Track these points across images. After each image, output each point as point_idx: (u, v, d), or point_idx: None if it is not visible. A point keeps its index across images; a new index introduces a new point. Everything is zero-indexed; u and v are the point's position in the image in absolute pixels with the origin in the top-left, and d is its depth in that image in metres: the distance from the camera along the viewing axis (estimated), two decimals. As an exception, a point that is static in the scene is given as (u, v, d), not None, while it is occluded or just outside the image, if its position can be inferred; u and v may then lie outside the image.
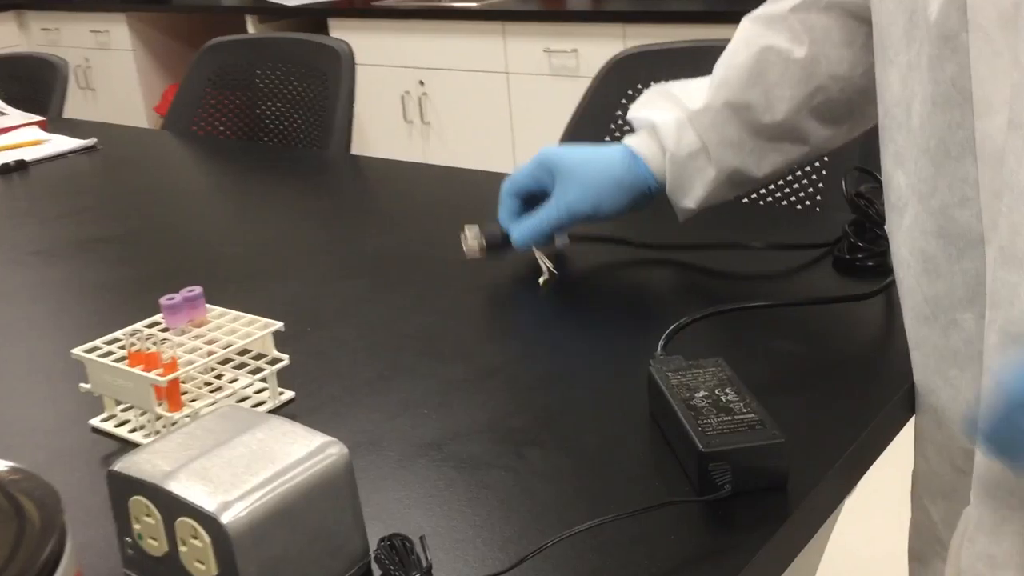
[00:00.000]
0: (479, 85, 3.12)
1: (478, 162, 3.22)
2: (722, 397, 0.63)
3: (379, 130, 3.44)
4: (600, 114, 1.37)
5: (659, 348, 0.74)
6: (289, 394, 0.75)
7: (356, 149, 3.76)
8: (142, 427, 0.71)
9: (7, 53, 2.18)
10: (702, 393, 0.64)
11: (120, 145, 1.63)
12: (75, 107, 4.30)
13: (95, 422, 0.73)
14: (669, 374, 0.67)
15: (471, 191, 1.27)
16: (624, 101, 1.35)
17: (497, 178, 1.36)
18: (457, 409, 0.72)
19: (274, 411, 0.74)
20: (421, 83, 3.26)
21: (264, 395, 0.75)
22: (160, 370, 0.67)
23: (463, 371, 0.78)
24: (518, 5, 3.10)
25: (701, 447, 0.58)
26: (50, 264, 1.11)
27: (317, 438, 0.54)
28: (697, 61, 1.30)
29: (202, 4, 3.92)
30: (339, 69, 1.56)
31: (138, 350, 0.69)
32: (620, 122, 1.35)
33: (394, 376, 0.78)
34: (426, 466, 0.65)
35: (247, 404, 0.74)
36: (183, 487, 0.50)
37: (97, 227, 1.22)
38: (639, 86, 1.35)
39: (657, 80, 1.34)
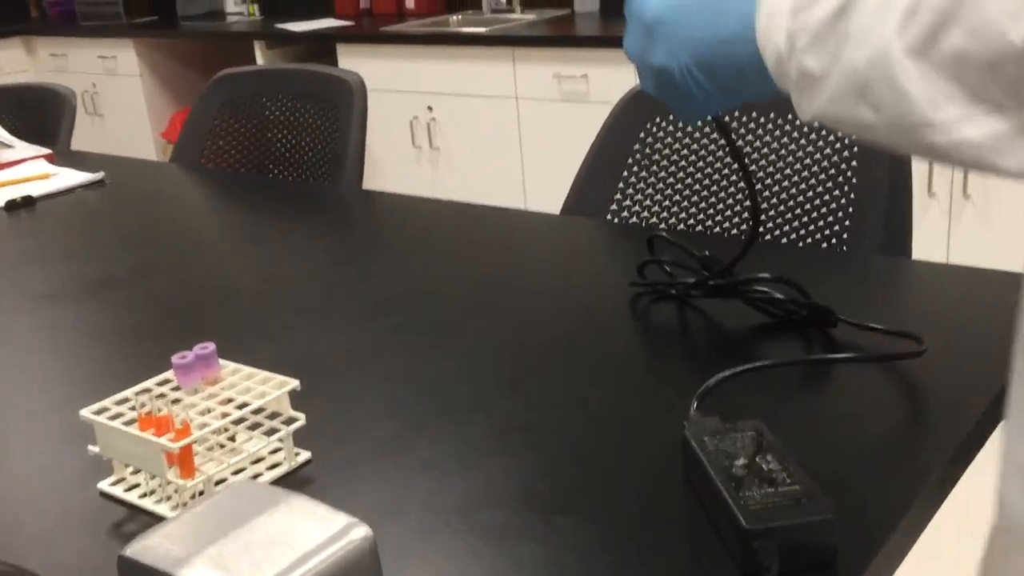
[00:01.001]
0: (488, 110, 3.10)
1: (488, 188, 3.20)
2: (764, 465, 0.60)
3: (388, 155, 3.42)
4: (617, 151, 1.34)
5: (693, 407, 0.71)
6: (305, 455, 0.72)
7: (365, 174, 3.74)
8: (152, 492, 0.68)
9: (14, 83, 2.17)
10: (742, 461, 0.61)
11: (128, 179, 1.61)
12: (83, 133, 4.29)
13: (104, 486, 0.70)
14: (706, 438, 0.64)
15: (485, 227, 1.25)
16: (642, 135, 1.33)
17: (510, 214, 1.33)
18: (481, 471, 0.69)
19: (291, 473, 0.71)
20: (430, 108, 3.24)
21: (280, 455, 0.72)
22: (172, 435, 0.64)
23: (486, 427, 0.75)
24: (528, 30, 3.08)
25: (745, 524, 0.55)
26: (56, 308, 1.08)
27: (339, 519, 0.51)
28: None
29: (210, 30, 3.91)
30: (350, 101, 1.54)
31: (149, 412, 0.66)
32: (638, 156, 1.33)
33: (414, 434, 0.75)
34: (450, 537, 0.62)
35: (262, 465, 0.71)
36: (198, 576, 0.47)
37: (105, 268, 1.19)
38: (658, 119, 1.32)
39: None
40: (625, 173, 1.33)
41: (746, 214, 1.26)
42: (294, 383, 0.71)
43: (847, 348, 0.82)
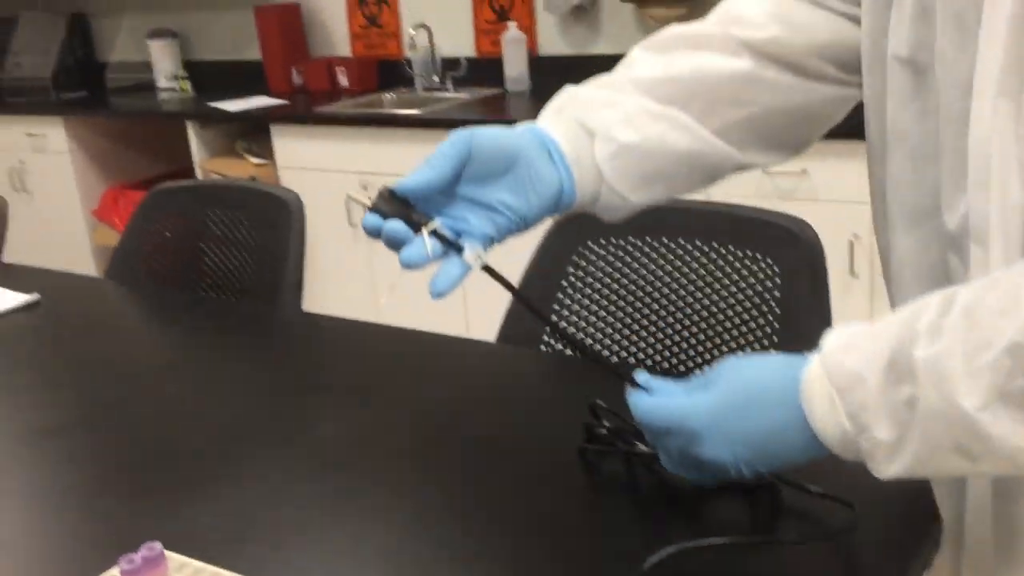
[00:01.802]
0: (424, 191, 3.13)
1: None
2: None
3: (324, 234, 3.42)
4: (551, 271, 1.38)
5: None
6: (254, 648, 0.73)
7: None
8: None
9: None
10: None
11: (63, 300, 1.60)
12: (11, 211, 4.21)
13: None
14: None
15: (427, 357, 1.27)
16: (575, 257, 1.37)
17: (453, 343, 1.34)
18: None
19: (238, 668, 0.72)
20: (364, 187, 3.26)
21: (228, 650, 0.72)
22: (121, 652, 0.65)
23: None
24: (460, 111, 3.13)
25: None
26: (-5, 464, 1.07)
27: None
28: (647, 219, 1.32)
29: (142, 109, 3.90)
30: (288, 220, 1.56)
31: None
32: (572, 279, 1.37)
33: (361, 618, 0.76)
34: None
35: (210, 661, 0.72)
36: None
37: (40, 415, 1.18)
38: (587, 242, 1.37)
39: (606, 235, 1.36)
40: (560, 295, 1.37)
41: (684, 343, 1.30)
42: (242, 581, 0.72)
43: (790, 514, 0.84)
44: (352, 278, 3.40)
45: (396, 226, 0.73)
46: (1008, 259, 0.67)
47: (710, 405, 0.72)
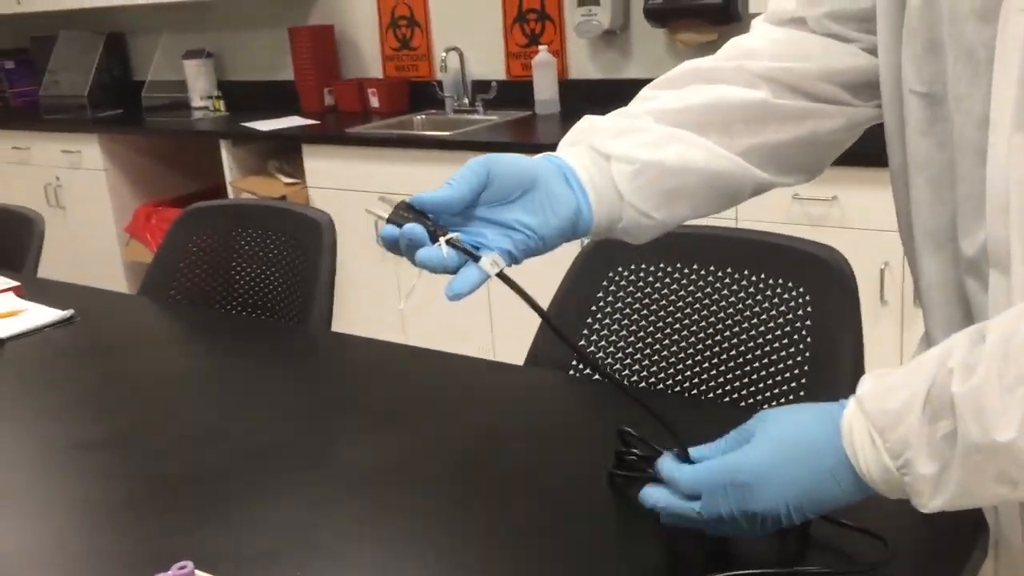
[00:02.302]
0: (452, 212, 3.15)
1: (452, 288, 3.23)
2: None
3: (354, 255, 3.45)
4: (581, 296, 1.38)
5: None
6: (282, 669, 0.74)
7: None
8: None
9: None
10: None
11: (98, 317, 1.62)
12: (46, 227, 4.28)
13: None
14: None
15: (455, 381, 1.27)
16: (604, 283, 1.37)
17: (481, 366, 1.34)
18: None
19: None
20: (383, 200, 3.28)
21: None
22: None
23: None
24: (489, 136, 3.15)
25: None
26: (19, 480, 1.08)
27: None
28: (676, 246, 1.32)
29: (175, 127, 3.95)
30: (320, 241, 1.57)
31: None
32: (602, 303, 1.37)
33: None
34: None
35: None
36: None
37: (74, 431, 1.20)
38: (619, 268, 1.37)
39: (637, 262, 1.37)
40: (589, 320, 1.37)
41: (713, 369, 1.30)
42: (272, 603, 0.73)
43: (820, 548, 0.84)
44: (379, 296, 3.42)
45: (414, 229, 0.74)
46: None
47: (760, 458, 0.74)
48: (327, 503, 0.98)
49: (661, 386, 1.32)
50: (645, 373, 1.34)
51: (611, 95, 3.60)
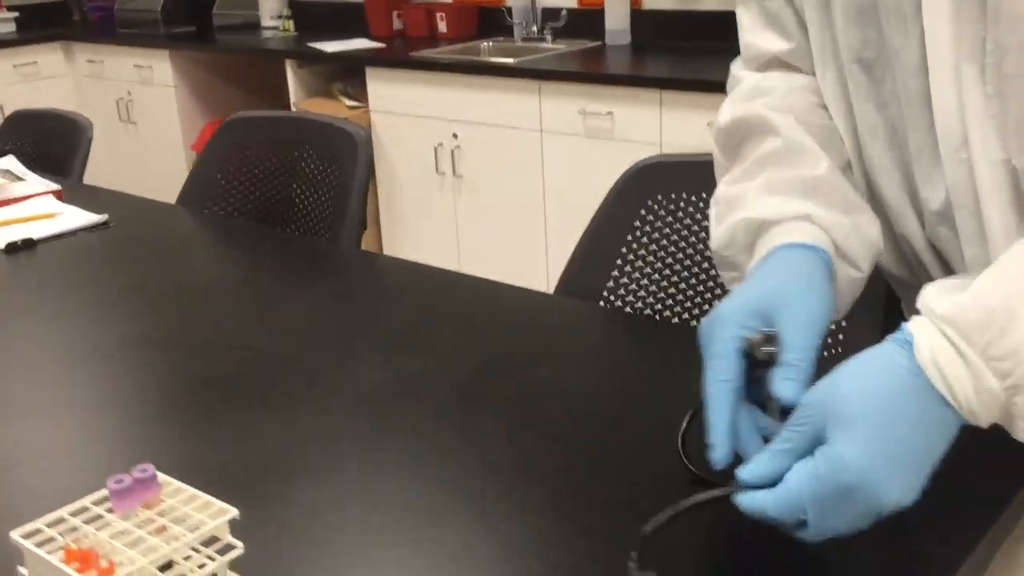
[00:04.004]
0: (513, 142, 3.08)
1: (508, 220, 3.17)
2: None
3: (411, 180, 3.41)
4: (618, 224, 1.31)
5: (632, 561, 0.67)
6: (243, 583, 0.70)
7: (387, 199, 3.73)
8: (80, 621, 0.66)
9: (33, 109, 2.18)
10: None
11: (133, 223, 1.61)
12: (116, 141, 4.33)
13: (35, 606, 0.69)
14: None
15: (485, 303, 1.22)
16: (643, 212, 1.30)
17: (513, 292, 1.29)
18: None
19: (225, 602, 0.69)
20: (455, 136, 3.23)
21: (217, 582, 0.69)
22: (94, 573, 0.62)
23: (442, 555, 0.72)
24: (556, 63, 3.06)
25: None
26: (37, 377, 1.07)
27: None
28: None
29: (244, 46, 3.93)
30: (355, 155, 1.52)
31: (76, 540, 0.64)
32: (638, 233, 1.30)
33: (356, 563, 0.72)
34: None
35: (197, 591, 0.69)
36: None
37: (94, 333, 1.18)
38: (658, 197, 1.29)
39: (677, 191, 1.29)
40: (625, 250, 1.30)
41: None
42: (231, 513, 0.69)
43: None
44: (437, 224, 3.38)
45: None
46: (1002, 214, 0.71)
47: (861, 449, 0.60)
48: (323, 420, 0.94)
49: (693, 321, 1.25)
50: (679, 309, 1.27)
51: (685, 27, 3.47)
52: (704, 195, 1.26)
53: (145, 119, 4.23)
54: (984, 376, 0.59)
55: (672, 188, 1.29)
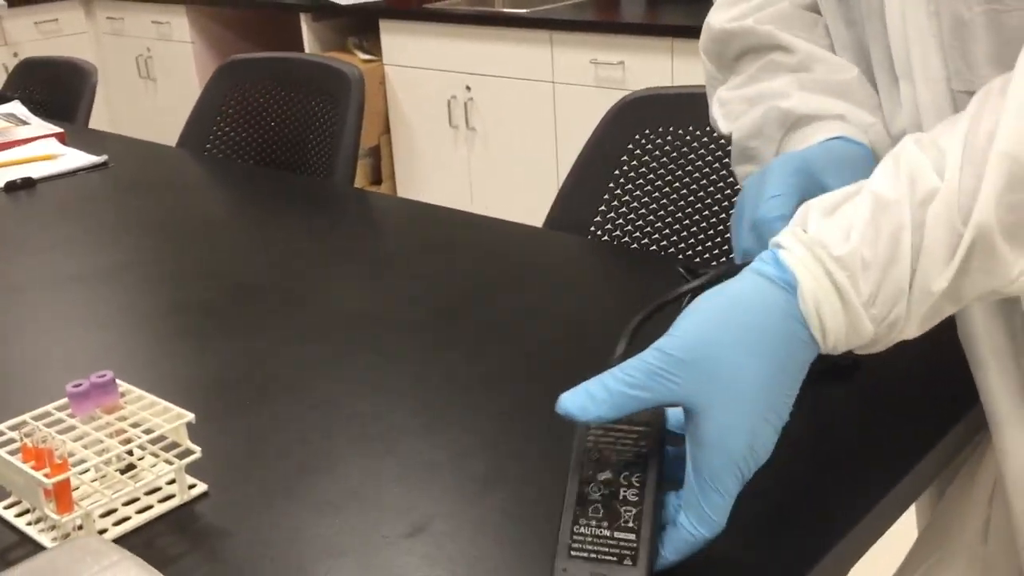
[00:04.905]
0: (525, 93, 3.06)
1: (521, 172, 3.16)
2: (622, 490, 0.53)
3: (424, 133, 3.41)
4: (607, 157, 1.30)
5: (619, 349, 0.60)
6: (201, 487, 0.72)
7: (401, 153, 3.73)
8: (39, 520, 0.68)
9: (41, 57, 2.20)
10: (606, 475, 0.53)
11: (132, 164, 1.62)
12: (136, 98, 4.36)
13: (-1, 508, 0.70)
14: (591, 433, 0.56)
15: (470, 235, 1.22)
16: (631, 146, 1.29)
17: (503, 225, 1.29)
18: (377, 510, 0.67)
19: (184, 506, 0.70)
20: (468, 88, 3.21)
21: (175, 487, 0.71)
22: (48, 470, 0.64)
23: (395, 464, 0.73)
24: (568, 14, 3.03)
25: (555, 558, 0.53)
26: (14, 302, 1.09)
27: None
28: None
29: (258, 1, 3.92)
30: (348, 95, 1.52)
31: (33, 442, 0.65)
32: (626, 168, 1.29)
33: (316, 472, 0.73)
34: (317, 592, 0.61)
35: (159, 496, 0.71)
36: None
37: (83, 263, 1.20)
38: (647, 131, 1.28)
39: (666, 124, 1.28)
40: (612, 184, 1.30)
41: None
42: (188, 417, 0.70)
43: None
44: (451, 176, 3.38)
45: None
46: None
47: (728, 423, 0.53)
48: (294, 340, 0.95)
49: (682, 255, 1.25)
50: (665, 243, 1.27)
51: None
52: (691, 128, 1.25)
53: (164, 76, 4.24)
54: (861, 321, 0.54)
55: (660, 122, 1.28)
